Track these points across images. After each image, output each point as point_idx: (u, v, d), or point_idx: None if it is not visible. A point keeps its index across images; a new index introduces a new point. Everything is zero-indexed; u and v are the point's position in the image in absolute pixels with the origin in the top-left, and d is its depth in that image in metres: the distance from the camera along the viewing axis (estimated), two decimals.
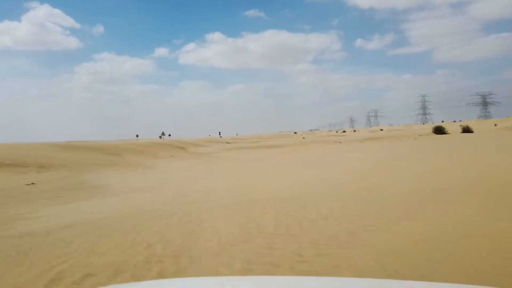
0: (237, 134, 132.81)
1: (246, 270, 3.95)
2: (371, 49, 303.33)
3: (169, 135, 67.01)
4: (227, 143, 57.67)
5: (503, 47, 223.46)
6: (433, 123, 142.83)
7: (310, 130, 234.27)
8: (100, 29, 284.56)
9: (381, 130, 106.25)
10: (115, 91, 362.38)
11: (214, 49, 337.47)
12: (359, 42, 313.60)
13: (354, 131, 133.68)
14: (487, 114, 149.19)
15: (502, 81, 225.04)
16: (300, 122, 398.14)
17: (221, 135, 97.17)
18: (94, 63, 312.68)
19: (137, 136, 63.30)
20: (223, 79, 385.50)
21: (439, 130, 45.66)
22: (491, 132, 41.82)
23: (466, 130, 43.67)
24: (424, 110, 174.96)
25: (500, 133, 37.52)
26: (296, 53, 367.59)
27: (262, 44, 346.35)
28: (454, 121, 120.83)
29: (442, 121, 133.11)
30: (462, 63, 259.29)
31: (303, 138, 60.25)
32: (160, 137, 63.82)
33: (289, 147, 36.59)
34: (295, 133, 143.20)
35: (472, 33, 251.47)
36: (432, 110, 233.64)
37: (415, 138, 38.81)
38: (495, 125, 67.04)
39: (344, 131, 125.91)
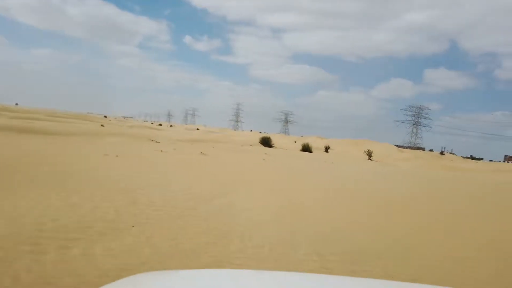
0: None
1: None
2: (199, 49, 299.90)
3: None
4: None
5: (304, 77, 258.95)
6: (243, 130, 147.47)
7: (124, 117, 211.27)
8: None
9: (197, 129, 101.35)
10: None
11: None
12: (188, 39, 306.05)
13: (171, 125, 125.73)
14: (287, 130, 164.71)
15: (299, 105, 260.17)
16: (114, 106, 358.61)
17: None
18: None
19: None
20: (27, 37, 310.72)
21: (266, 142, 39.66)
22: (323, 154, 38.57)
23: (306, 149, 38.97)
24: (237, 117, 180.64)
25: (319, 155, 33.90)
26: (121, 32, 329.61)
27: (84, 11, 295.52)
28: (260, 132, 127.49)
29: (251, 130, 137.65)
30: (273, 82, 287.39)
31: (102, 126, 39.51)
32: None
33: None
34: (105, 117, 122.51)
35: (284, 59, 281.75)
36: (243, 118, 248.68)
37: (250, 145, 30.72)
38: (295, 141, 71.18)
39: (160, 124, 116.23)
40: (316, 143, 66.96)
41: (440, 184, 17.24)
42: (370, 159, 45.30)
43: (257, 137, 44.26)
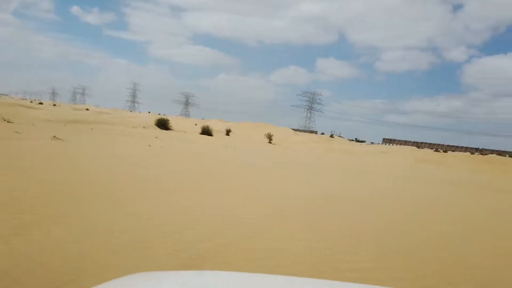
0: None
1: None
2: (89, 22, 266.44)
3: None
4: None
5: (205, 59, 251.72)
6: (140, 112, 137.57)
7: None
8: None
9: (87, 109, 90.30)
10: None
11: None
12: (76, 10, 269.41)
13: (54, 105, 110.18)
14: (187, 113, 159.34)
15: (200, 87, 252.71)
16: None
17: None
18: None
19: None
20: None
21: (163, 125, 36.14)
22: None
23: (206, 131, 36.22)
24: (134, 98, 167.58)
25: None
26: None
27: None
28: (159, 114, 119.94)
29: (149, 112, 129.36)
30: (172, 62, 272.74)
31: None
32: None
33: None
34: None
35: (183, 39, 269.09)
36: (141, 99, 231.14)
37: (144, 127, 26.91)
38: (196, 124, 68.10)
39: (41, 103, 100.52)
40: (218, 126, 65.24)
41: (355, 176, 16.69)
42: (270, 143, 45.22)
43: (155, 119, 40.07)
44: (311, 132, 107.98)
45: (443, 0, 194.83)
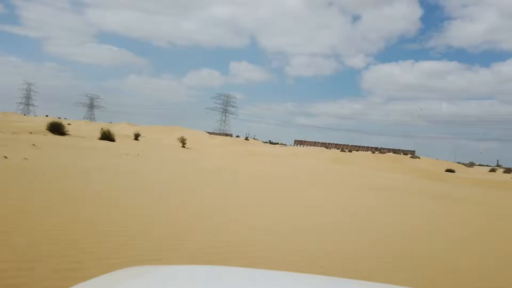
0: None
1: None
2: None
3: None
4: None
5: (112, 59, 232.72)
6: (36, 115, 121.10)
7: None
8: None
9: None
10: None
11: None
12: None
13: None
14: (92, 116, 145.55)
15: (108, 89, 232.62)
16: None
17: None
18: None
19: None
20: None
21: (57, 129, 31.09)
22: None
23: (107, 136, 31.81)
24: (28, 100, 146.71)
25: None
26: None
27: None
28: (59, 117, 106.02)
29: (47, 115, 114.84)
30: (75, 62, 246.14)
31: None
32: None
33: None
34: None
35: (87, 37, 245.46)
36: (38, 102, 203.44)
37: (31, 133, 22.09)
38: (102, 128, 61.07)
39: None
40: (126, 130, 59.87)
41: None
42: (184, 147, 42.50)
43: (50, 123, 34.29)
44: (227, 135, 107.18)
45: (344, 11, 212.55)
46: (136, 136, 45.41)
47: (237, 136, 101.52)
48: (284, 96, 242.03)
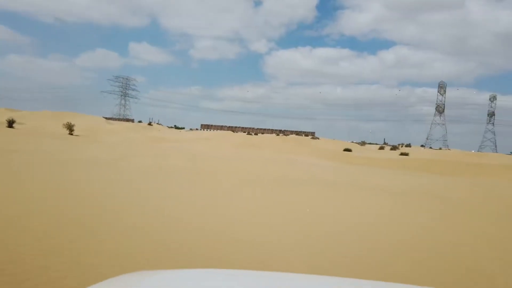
0: None
1: None
2: None
3: None
4: None
5: None
6: None
7: None
8: None
9: None
10: None
11: None
12: None
13: None
14: None
15: None
16: None
17: None
18: None
19: None
20: None
21: None
22: None
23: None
24: None
25: None
26: None
27: None
28: None
29: None
30: None
31: None
32: None
33: None
34: None
35: None
36: None
37: None
38: None
39: None
40: (4, 116, 49.65)
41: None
42: (72, 134, 36.45)
43: None
44: (127, 120, 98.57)
45: None
46: (10, 123, 37.62)
47: (140, 121, 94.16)
48: (189, 80, 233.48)
